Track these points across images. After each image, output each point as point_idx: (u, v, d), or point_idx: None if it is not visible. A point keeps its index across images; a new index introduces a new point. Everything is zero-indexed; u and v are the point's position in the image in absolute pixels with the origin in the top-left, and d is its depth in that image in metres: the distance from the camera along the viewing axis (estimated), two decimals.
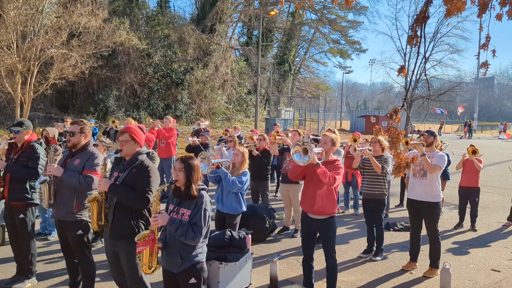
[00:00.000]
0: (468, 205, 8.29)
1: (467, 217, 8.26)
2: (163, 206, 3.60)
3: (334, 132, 6.71)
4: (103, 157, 4.08)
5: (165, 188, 3.73)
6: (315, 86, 49.02)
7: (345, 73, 53.72)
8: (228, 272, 4.81)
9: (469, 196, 8.27)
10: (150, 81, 26.41)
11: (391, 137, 3.85)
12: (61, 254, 5.45)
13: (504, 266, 6.08)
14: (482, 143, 26.22)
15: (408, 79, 40.39)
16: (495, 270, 5.91)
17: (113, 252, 3.77)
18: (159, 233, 3.36)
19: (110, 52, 23.41)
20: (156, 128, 9.49)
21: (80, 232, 4.17)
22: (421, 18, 4.42)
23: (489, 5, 4.43)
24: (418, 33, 4.42)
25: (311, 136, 7.99)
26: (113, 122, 10.63)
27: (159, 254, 3.31)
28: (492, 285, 5.39)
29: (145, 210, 3.67)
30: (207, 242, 3.39)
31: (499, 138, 37.31)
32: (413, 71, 4.41)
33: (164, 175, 9.41)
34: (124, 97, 25.49)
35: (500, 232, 8.03)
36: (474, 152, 8.10)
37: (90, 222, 3.91)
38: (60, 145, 7.97)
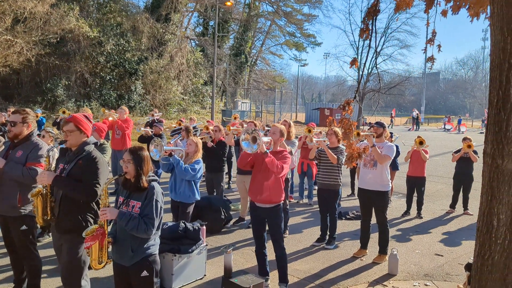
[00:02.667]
0: (415, 194, 8.68)
1: (414, 205, 8.66)
2: (112, 198, 3.52)
3: (289, 124, 6.82)
4: (47, 148, 3.89)
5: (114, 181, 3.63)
6: (272, 78, 49.29)
7: (301, 66, 54.62)
8: (182, 264, 4.78)
9: (416, 185, 8.65)
10: (102, 71, 25.52)
11: (344, 128, 3.94)
12: (5, 250, 5.19)
13: (446, 251, 6.43)
14: (428, 135, 27.46)
15: (360, 72, 41.63)
16: (438, 255, 6.24)
17: (60, 245, 3.62)
18: (109, 226, 3.27)
19: (59, 40, 22.36)
20: (110, 119, 9.18)
21: (24, 227, 3.97)
22: (372, 12, 4.54)
23: (436, 1, 4.63)
24: (370, 27, 4.55)
25: (266, 127, 8.07)
26: (64, 112, 10.19)
27: (110, 249, 3.22)
28: (435, 268, 5.69)
29: (94, 203, 3.55)
30: (159, 234, 3.33)
31: (445, 129, 39.27)
32: (364, 64, 4.53)
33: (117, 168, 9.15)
34: (74, 87, 24.47)
35: (443, 219, 8.47)
36: (421, 143, 8.47)
37: (35, 217, 3.72)
38: (1, 135, 7.56)
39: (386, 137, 5.97)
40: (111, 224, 3.38)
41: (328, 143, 6.51)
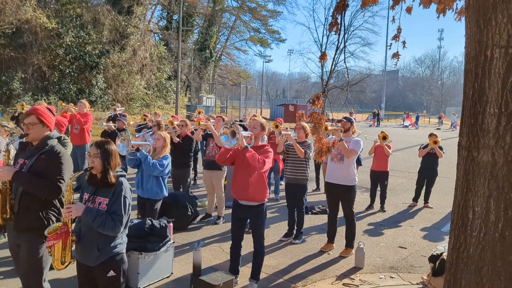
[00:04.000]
0: (378, 188, 8.87)
1: (377, 199, 8.85)
2: (76, 196, 3.34)
3: None
4: (5, 143, 3.64)
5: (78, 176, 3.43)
6: (237, 74, 49.13)
7: (265, 62, 54.67)
8: (148, 263, 4.64)
9: (379, 179, 8.84)
10: (61, 64, 24.53)
11: (313, 122, 3.93)
12: None
13: (409, 243, 6.60)
14: (388, 131, 28.15)
15: (328, 67, 42.14)
16: (402, 247, 6.39)
17: (17, 246, 3.39)
18: (73, 225, 3.10)
19: (14, 30, 21.31)
20: (69, 113, 8.81)
21: None
22: (341, 6, 4.55)
23: None
24: (339, 21, 4.56)
25: (236, 122, 7.97)
26: (22, 106, 9.71)
27: (73, 248, 3.06)
28: (400, 261, 5.82)
29: (56, 200, 3.35)
30: (127, 231, 3.19)
31: (403, 126, 40.52)
32: (333, 58, 4.53)
33: (78, 164, 8.81)
34: (31, 80, 23.40)
35: (406, 212, 8.70)
36: (384, 138, 8.65)
37: None
38: None
39: (353, 132, 6.03)
40: (75, 221, 3.20)
41: (296, 137, 6.50)
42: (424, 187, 9.20)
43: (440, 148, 8.91)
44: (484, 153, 1.73)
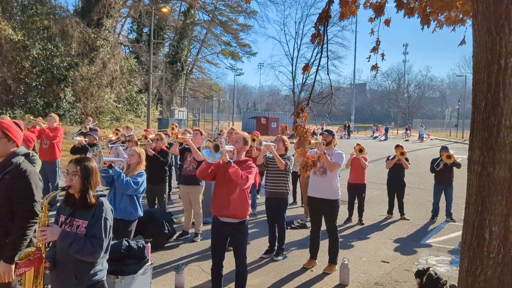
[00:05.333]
0: (356, 201, 8.84)
1: (355, 211, 8.80)
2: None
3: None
4: None
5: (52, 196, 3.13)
6: (208, 87, 48.96)
7: (237, 75, 54.64)
8: (125, 286, 4.35)
9: (356, 192, 8.82)
10: (27, 76, 23.69)
11: (298, 135, 3.80)
12: None
13: (391, 257, 6.54)
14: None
15: (300, 80, 42.53)
16: (384, 262, 6.32)
17: None
18: (47, 250, 2.82)
19: None
20: (38, 128, 8.37)
21: None
22: (324, 17, 4.50)
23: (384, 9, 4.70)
24: (321, 32, 4.50)
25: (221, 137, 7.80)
26: None
27: (46, 275, 2.77)
28: (384, 276, 5.74)
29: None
30: (107, 256, 2.92)
31: (374, 137, 41.27)
32: (317, 69, 4.44)
33: (49, 182, 8.37)
34: None
35: (383, 225, 8.69)
36: (361, 150, 8.65)
37: None
38: None
39: (335, 145, 5.96)
40: (49, 246, 2.91)
41: (276, 149, 6.37)
42: (396, 199, 9.24)
43: (406, 159, 9.00)
44: (501, 168, 1.64)
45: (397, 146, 9.18)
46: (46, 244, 2.75)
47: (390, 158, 9.27)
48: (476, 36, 1.75)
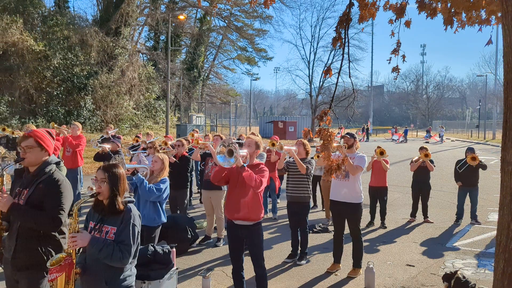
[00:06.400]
0: (378, 204, 8.74)
1: (377, 215, 8.70)
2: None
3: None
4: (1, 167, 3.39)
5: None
6: (225, 92, 49.25)
7: (253, 80, 54.82)
8: None
9: (378, 195, 8.71)
10: (49, 86, 24.23)
11: (322, 139, 3.78)
12: None
13: (417, 261, 6.44)
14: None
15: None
16: (409, 265, 6.22)
17: (15, 282, 3.10)
18: (77, 255, 2.86)
19: (1, 53, 21.05)
20: (61, 135, 8.55)
21: None
22: (344, 20, 4.47)
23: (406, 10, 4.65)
24: (342, 35, 4.48)
25: (234, 140, 7.82)
26: (4, 130, 9.42)
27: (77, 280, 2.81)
28: (410, 280, 5.64)
29: (57, 232, 3.09)
30: (136, 262, 2.96)
31: (392, 140, 40.83)
32: (339, 72, 4.42)
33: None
34: (18, 103, 23.02)
35: (406, 228, 8.56)
36: (382, 153, 8.56)
37: None
38: None
39: (357, 148, 5.91)
40: (79, 252, 2.96)
41: (296, 153, 6.35)
42: (420, 202, 9.10)
43: (431, 161, 8.86)
44: None
45: (421, 148, 9.04)
46: (77, 250, 2.80)
47: (414, 160, 9.15)
48: (506, 36, 1.72)
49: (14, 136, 8.57)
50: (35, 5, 25.10)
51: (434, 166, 8.95)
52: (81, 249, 2.86)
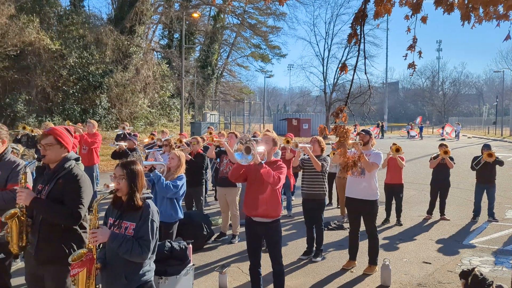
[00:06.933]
0: (393, 201, 8.67)
1: (393, 212, 8.64)
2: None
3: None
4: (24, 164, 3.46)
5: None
6: (238, 90, 49.30)
7: (267, 77, 54.81)
8: (168, 287, 4.45)
9: (394, 192, 8.65)
10: (65, 84, 24.56)
11: (338, 135, 3.77)
12: None
13: (433, 258, 6.38)
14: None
15: (331, 81, 42.20)
16: (426, 263, 6.17)
17: (38, 276, 3.18)
18: (98, 251, 2.91)
19: (18, 53, 21.39)
20: (77, 133, 8.68)
21: (1, 255, 3.48)
22: (360, 16, 4.44)
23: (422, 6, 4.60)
24: (358, 32, 4.45)
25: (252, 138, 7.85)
26: (24, 128, 9.61)
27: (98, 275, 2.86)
28: (426, 277, 5.60)
29: (77, 226, 3.16)
30: (154, 257, 3.00)
31: (409, 136, 40.40)
32: (354, 69, 4.41)
33: None
34: (35, 102, 23.39)
35: (422, 225, 8.49)
36: (397, 150, 8.49)
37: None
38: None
39: (372, 144, 5.88)
40: (99, 248, 3.01)
41: (312, 150, 6.34)
42: (438, 199, 9.01)
43: (451, 158, 8.76)
44: None
45: (441, 145, 8.95)
46: (97, 245, 2.85)
47: (433, 157, 9.06)
48: None
49: (33, 134, 8.73)
50: (51, 4, 25.42)
51: (454, 163, 8.84)
52: (101, 244, 2.91)
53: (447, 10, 4.17)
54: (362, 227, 5.85)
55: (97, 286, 2.85)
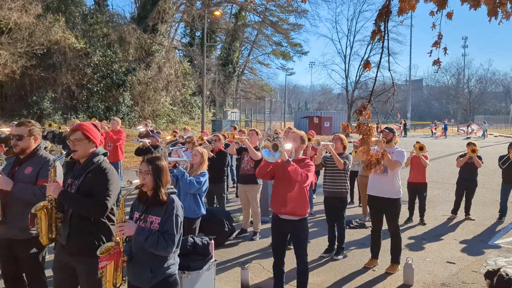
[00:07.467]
0: (416, 200, 8.55)
1: (416, 211, 8.52)
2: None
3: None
4: (52, 159, 3.56)
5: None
6: (259, 87, 49.30)
7: (288, 75, 54.65)
8: (191, 282, 4.50)
9: (417, 191, 8.53)
10: (89, 82, 25.10)
11: (361, 133, 3.75)
12: None
13: (457, 258, 6.28)
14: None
15: (353, 78, 41.82)
16: (450, 262, 6.07)
17: (69, 267, 3.26)
18: (124, 244, 2.99)
19: (45, 51, 21.96)
20: (102, 130, 8.87)
21: (34, 250, 3.58)
22: (384, 13, 4.39)
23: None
24: (382, 28, 4.40)
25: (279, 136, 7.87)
26: (50, 125, 9.85)
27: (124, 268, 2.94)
28: (450, 277, 5.52)
29: (106, 219, 3.24)
30: (179, 251, 3.06)
31: (433, 135, 39.70)
32: (378, 66, 4.37)
33: None
34: (60, 99, 23.99)
35: (447, 225, 8.34)
36: (421, 148, 8.37)
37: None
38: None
39: (396, 142, 5.81)
40: (126, 241, 3.09)
41: (334, 148, 6.31)
42: (464, 199, 8.84)
43: (479, 157, 8.57)
44: None
45: (469, 144, 8.77)
46: (124, 239, 2.93)
47: (460, 155, 8.89)
48: None
49: (60, 131, 8.95)
50: (76, 4, 25.97)
51: (482, 162, 8.66)
52: (127, 238, 2.98)
53: (474, 6, 4.09)
54: (385, 226, 5.79)
55: (124, 279, 2.92)
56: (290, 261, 4.94)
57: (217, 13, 29.10)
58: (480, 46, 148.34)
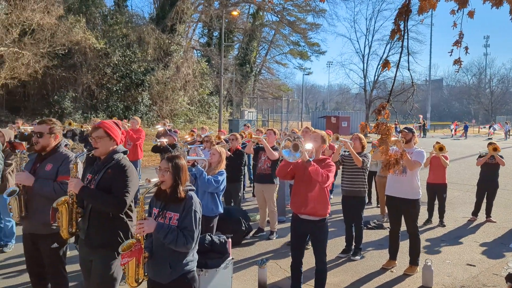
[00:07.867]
0: (436, 201, 8.43)
1: (435, 213, 8.40)
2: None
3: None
4: (73, 156, 3.65)
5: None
6: (276, 87, 49.25)
7: (305, 74, 54.30)
8: (208, 279, 4.54)
9: (437, 192, 8.42)
10: (109, 82, 25.45)
11: (380, 133, 3.71)
12: (20, 268, 4.98)
13: (478, 260, 6.17)
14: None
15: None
16: (470, 265, 5.98)
17: (88, 261, 3.37)
18: (145, 241, 3.04)
19: (66, 52, 22.37)
20: (122, 129, 9.02)
21: (55, 245, 3.68)
22: (404, 12, 4.35)
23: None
24: (401, 27, 4.35)
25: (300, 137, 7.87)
26: (70, 124, 10.05)
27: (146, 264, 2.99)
28: (470, 279, 5.43)
29: (125, 216, 3.31)
30: (197, 248, 3.10)
31: (453, 135, 39.07)
32: (397, 66, 4.33)
33: None
34: (81, 99, 24.41)
35: (467, 227, 8.21)
36: (441, 149, 8.25)
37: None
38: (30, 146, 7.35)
39: (415, 143, 5.75)
40: (146, 237, 3.15)
41: (352, 147, 6.26)
42: (485, 200, 8.67)
43: (501, 156, 8.40)
44: None
45: (490, 143, 8.61)
46: (144, 235, 2.97)
47: (481, 154, 8.73)
48: None
49: (82, 129, 9.12)
50: (96, 5, 26.36)
51: (505, 161, 8.49)
52: (147, 234, 3.03)
53: (496, 4, 4.02)
54: (403, 227, 5.73)
55: (146, 275, 2.97)
56: (307, 260, 4.92)
57: (234, 13, 29.14)
58: (503, 45, 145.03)
